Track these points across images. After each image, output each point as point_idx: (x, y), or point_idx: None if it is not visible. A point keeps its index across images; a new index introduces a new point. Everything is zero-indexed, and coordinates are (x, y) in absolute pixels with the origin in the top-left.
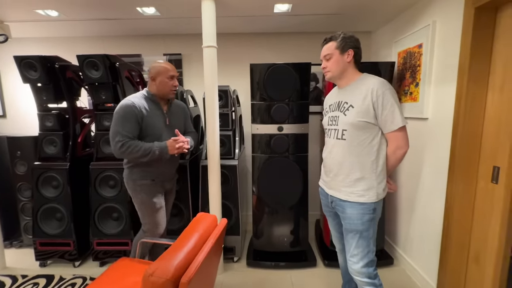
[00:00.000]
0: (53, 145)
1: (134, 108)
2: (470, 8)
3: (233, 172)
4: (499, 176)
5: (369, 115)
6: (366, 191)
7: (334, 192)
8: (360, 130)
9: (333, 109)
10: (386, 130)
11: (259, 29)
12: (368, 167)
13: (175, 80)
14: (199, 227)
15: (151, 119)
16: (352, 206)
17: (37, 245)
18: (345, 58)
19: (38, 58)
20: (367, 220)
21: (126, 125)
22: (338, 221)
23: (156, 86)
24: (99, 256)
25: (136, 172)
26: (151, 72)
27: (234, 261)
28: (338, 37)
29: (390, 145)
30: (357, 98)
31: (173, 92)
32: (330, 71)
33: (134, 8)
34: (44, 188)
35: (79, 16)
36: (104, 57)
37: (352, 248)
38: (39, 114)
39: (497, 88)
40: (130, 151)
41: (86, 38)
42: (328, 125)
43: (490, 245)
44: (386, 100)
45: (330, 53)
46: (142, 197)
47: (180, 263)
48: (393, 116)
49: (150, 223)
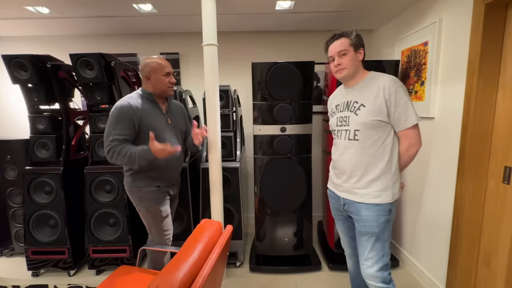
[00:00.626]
0: (45, 149)
1: (130, 109)
2: (480, 5)
3: (234, 175)
4: (511, 176)
5: (381, 113)
6: (381, 192)
7: (348, 195)
8: (373, 129)
9: (342, 109)
10: (399, 128)
11: (261, 27)
12: (383, 167)
13: (171, 76)
14: (203, 235)
15: (151, 120)
16: (367, 208)
17: (29, 254)
18: (358, 56)
19: (28, 57)
20: (383, 222)
21: (117, 128)
22: (348, 225)
23: (152, 85)
24: (95, 264)
25: (140, 178)
26: (144, 70)
27: (237, 266)
28: (351, 34)
29: (403, 143)
30: (368, 97)
31: (171, 89)
32: (346, 69)
33: (130, 5)
34: (36, 193)
35: (71, 14)
36: (99, 56)
37: (367, 252)
38: (30, 116)
39: (508, 86)
40: (116, 156)
41: (79, 36)
42: (337, 126)
43: (502, 248)
44: (399, 98)
45: (345, 49)
46: (148, 206)
47: (185, 276)
48: (407, 114)
49: (156, 232)
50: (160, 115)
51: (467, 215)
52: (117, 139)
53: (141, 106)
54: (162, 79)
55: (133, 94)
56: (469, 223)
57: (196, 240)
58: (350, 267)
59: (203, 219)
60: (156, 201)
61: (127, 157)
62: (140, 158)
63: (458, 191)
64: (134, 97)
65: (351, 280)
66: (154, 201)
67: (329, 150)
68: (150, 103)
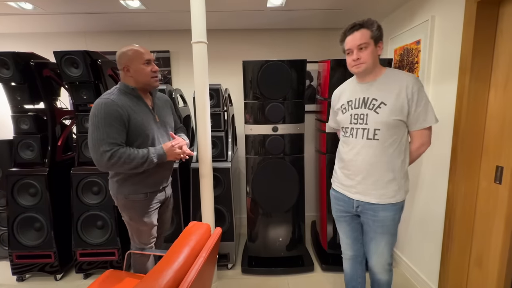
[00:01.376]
0: (30, 150)
1: (116, 106)
2: (472, 3)
3: (226, 175)
4: (502, 176)
5: (403, 113)
6: (396, 191)
7: (362, 197)
8: (393, 129)
9: (357, 106)
10: (415, 127)
11: (252, 25)
12: (398, 167)
13: (153, 64)
14: (190, 238)
15: (140, 118)
16: (385, 209)
17: (13, 258)
18: (377, 50)
19: (10, 55)
20: (398, 219)
21: (110, 130)
22: (353, 226)
23: (133, 77)
24: (83, 268)
25: (127, 186)
26: (120, 62)
27: (229, 268)
28: (373, 25)
29: (415, 142)
30: (388, 95)
31: (155, 79)
32: (365, 63)
33: (117, 1)
34: (21, 196)
35: (56, 10)
36: (85, 53)
37: (381, 247)
38: (13, 116)
39: (500, 85)
40: (123, 162)
41: (66, 33)
42: (352, 123)
43: (494, 248)
44: (421, 97)
45: (366, 42)
46: (132, 215)
47: (168, 283)
48: (426, 114)
49: (138, 241)
50: (147, 112)
51: (459, 215)
52: (115, 143)
53: (127, 103)
54: (143, 69)
55: (112, 90)
56: (461, 223)
57: (183, 244)
58: (347, 269)
59: (191, 222)
60: (141, 211)
61: (136, 159)
62: (152, 160)
63: (450, 190)
64: (114, 93)
65: (346, 282)
66: (139, 212)
67: (323, 150)
68: (135, 99)
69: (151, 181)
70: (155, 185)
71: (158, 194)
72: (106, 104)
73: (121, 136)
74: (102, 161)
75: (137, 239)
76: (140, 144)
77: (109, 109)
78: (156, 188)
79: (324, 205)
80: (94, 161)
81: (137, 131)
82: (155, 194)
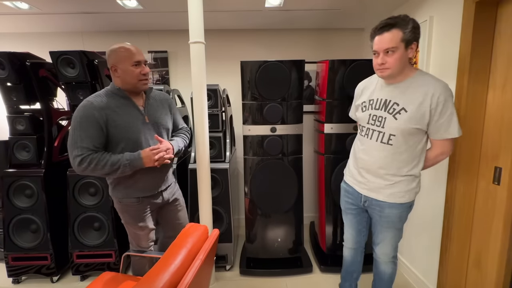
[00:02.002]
0: (26, 150)
1: (94, 110)
2: (471, 3)
3: (224, 176)
4: (501, 177)
5: (423, 121)
6: (406, 193)
7: (371, 193)
8: (409, 136)
9: (377, 107)
10: (436, 137)
11: (250, 25)
12: (409, 170)
13: (143, 66)
14: (187, 240)
15: (121, 120)
16: (391, 207)
17: (9, 260)
18: (407, 54)
19: (6, 55)
20: (405, 216)
21: (84, 134)
22: (359, 219)
23: (120, 77)
24: (80, 270)
25: (120, 189)
26: (109, 61)
27: (227, 270)
28: (406, 24)
29: (435, 150)
30: (411, 101)
31: (143, 83)
32: (391, 69)
33: (114, 1)
34: (16, 197)
35: (53, 9)
36: (81, 53)
37: (387, 240)
38: (9, 116)
39: (498, 86)
40: (93, 167)
41: (63, 33)
42: (369, 123)
43: (492, 249)
44: (446, 108)
45: (395, 46)
46: (126, 218)
47: (165, 286)
48: (449, 125)
49: (135, 245)
50: (134, 113)
51: (458, 216)
52: (87, 148)
53: (108, 105)
54: (131, 70)
55: (101, 91)
56: (459, 224)
57: (180, 246)
58: (347, 257)
59: (189, 223)
60: (135, 215)
61: (108, 166)
62: (126, 166)
63: (449, 191)
64: (100, 95)
65: (345, 267)
66: (132, 216)
67: (321, 151)
68: (122, 100)
69: (141, 185)
70: (149, 189)
71: (153, 199)
72: (84, 107)
73: (96, 140)
74: (74, 165)
75: (134, 242)
76: (124, 147)
77: (86, 112)
78: (150, 193)
79: (323, 206)
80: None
81: (119, 134)
82: (150, 198)
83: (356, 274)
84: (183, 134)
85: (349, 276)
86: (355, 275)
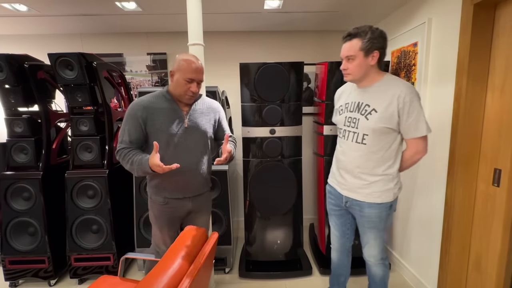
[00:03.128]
0: (24, 153)
1: (137, 109)
2: (469, 5)
3: (223, 178)
4: (500, 179)
5: (392, 121)
6: (383, 192)
7: (350, 194)
8: (382, 135)
9: (351, 109)
10: (408, 136)
11: (249, 27)
12: (385, 170)
13: (194, 84)
14: (186, 243)
15: (160, 121)
16: (370, 206)
17: (6, 263)
18: (369, 61)
19: (4, 57)
20: (385, 216)
21: (126, 129)
22: (342, 221)
23: (173, 84)
24: (77, 273)
25: (151, 186)
26: (174, 65)
27: (226, 272)
28: (365, 35)
29: (410, 149)
30: (380, 103)
31: (188, 98)
32: (351, 74)
33: (113, 3)
34: (14, 200)
35: (52, 11)
36: (79, 55)
37: (371, 240)
38: (7, 118)
39: (497, 87)
40: (122, 161)
41: (62, 35)
42: (345, 125)
43: (492, 251)
44: (413, 108)
45: (353, 54)
46: (151, 215)
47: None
48: (417, 125)
49: (153, 243)
50: (173, 117)
51: (458, 218)
52: (125, 141)
53: (154, 105)
54: (183, 84)
55: (156, 92)
56: (459, 226)
57: (178, 249)
58: (334, 259)
59: (187, 226)
60: (159, 215)
61: (129, 164)
62: (138, 169)
63: (449, 193)
64: (152, 95)
65: (333, 269)
66: (157, 215)
67: (320, 152)
68: (167, 103)
69: (167, 186)
70: (175, 192)
71: (180, 203)
72: (133, 104)
73: (133, 136)
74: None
75: (154, 241)
76: (162, 146)
77: (132, 109)
78: (176, 196)
79: (322, 207)
80: None
81: (155, 134)
82: (176, 201)
83: (344, 278)
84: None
85: (336, 280)
86: (342, 279)
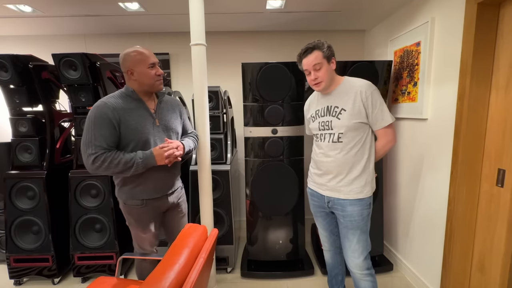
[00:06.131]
0: (28, 152)
1: (107, 110)
2: (473, 4)
3: (225, 178)
4: (504, 179)
5: (361, 115)
6: (363, 187)
7: (332, 193)
8: (355, 131)
9: (322, 114)
10: (377, 127)
11: (251, 27)
12: (364, 164)
13: (157, 67)
14: (189, 240)
15: (133, 121)
16: (352, 204)
17: (11, 262)
18: (331, 67)
19: (9, 58)
20: (366, 215)
21: (98, 133)
22: (328, 221)
23: (136, 80)
24: (81, 271)
25: (125, 191)
26: (124, 65)
27: (228, 272)
28: (323, 46)
29: (381, 140)
30: (347, 102)
31: (160, 83)
32: (324, 81)
33: (116, 3)
34: (19, 199)
35: (55, 12)
36: (83, 56)
37: (354, 244)
38: (12, 118)
39: (501, 87)
40: (107, 165)
41: (66, 36)
42: (320, 130)
43: (496, 252)
44: (375, 100)
45: (320, 62)
46: (129, 220)
47: (171, 284)
48: (383, 114)
49: (137, 248)
50: (145, 116)
51: (461, 219)
52: (101, 146)
53: (121, 106)
54: (148, 72)
55: (115, 93)
56: (462, 226)
57: (182, 246)
58: (328, 259)
59: (187, 224)
60: (138, 218)
61: (121, 164)
62: (139, 165)
63: (452, 194)
64: (115, 96)
65: (329, 270)
66: (136, 219)
67: None
68: (135, 102)
69: (148, 186)
70: (155, 191)
71: (158, 202)
72: (98, 107)
73: (109, 139)
74: (88, 163)
75: (137, 244)
76: (134, 148)
77: (100, 112)
78: (156, 195)
79: None
80: (84, 163)
81: (130, 134)
82: (154, 201)
83: (341, 277)
84: (192, 137)
85: (335, 281)
86: (340, 278)
